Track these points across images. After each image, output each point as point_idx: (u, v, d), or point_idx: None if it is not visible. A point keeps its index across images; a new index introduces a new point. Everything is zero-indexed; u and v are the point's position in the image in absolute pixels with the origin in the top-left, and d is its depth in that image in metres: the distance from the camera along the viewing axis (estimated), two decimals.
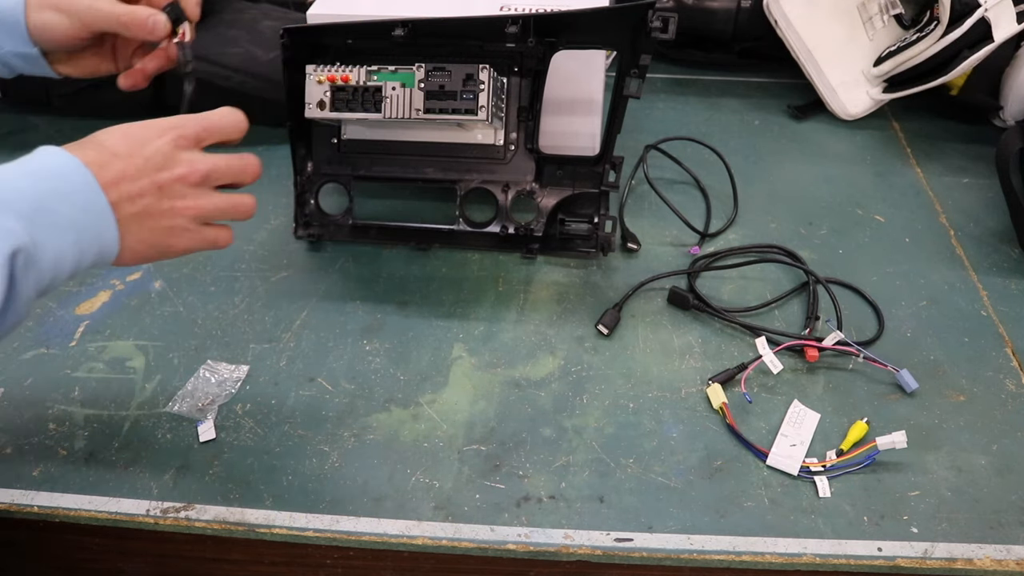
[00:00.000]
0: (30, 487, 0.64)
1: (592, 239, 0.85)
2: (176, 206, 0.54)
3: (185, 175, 0.54)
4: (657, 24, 0.68)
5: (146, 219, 0.53)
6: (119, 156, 0.52)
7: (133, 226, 0.52)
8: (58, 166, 0.50)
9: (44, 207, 0.48)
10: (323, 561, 0.65)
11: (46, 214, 0.48)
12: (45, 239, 0.48)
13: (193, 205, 0.55)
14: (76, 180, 0.50)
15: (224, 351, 0.75)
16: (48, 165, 0.50)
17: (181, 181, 0.54)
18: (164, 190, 0.53)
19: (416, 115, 0.73)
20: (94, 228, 0.50)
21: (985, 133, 1.05)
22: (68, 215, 0.48)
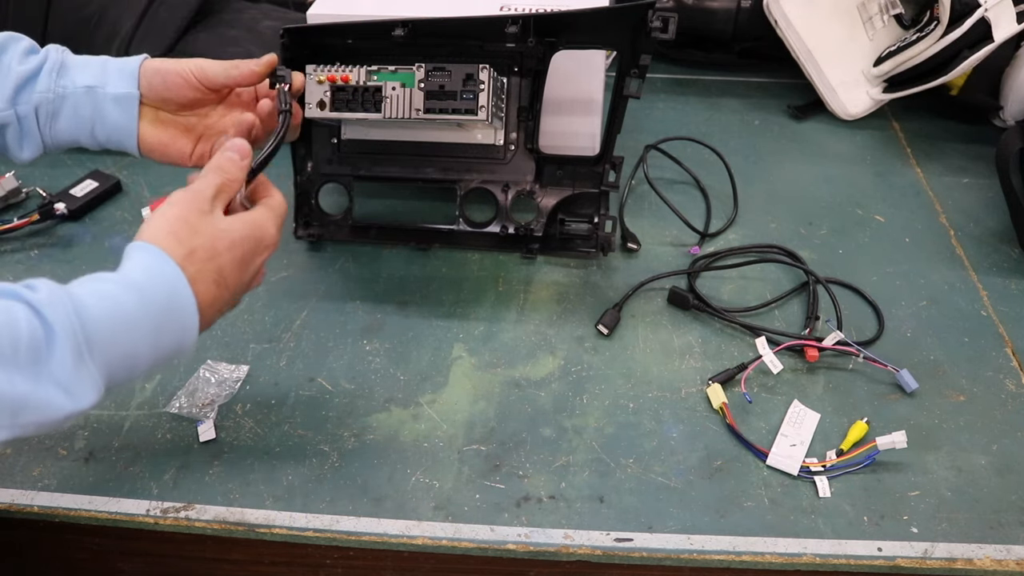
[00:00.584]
0: (30, 487, 0.64)
1: (592, 239, 0.85)
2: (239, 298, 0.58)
3: (258, 283, 0.59)
4: (657, 24, 0.68)
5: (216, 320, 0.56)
6: (229, 288, 0.54)
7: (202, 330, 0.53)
8: (177, 304, 0.50)
9: (136, 350, 0.49)
10: (323, 561, 0.65)
11: (136, 358, 0.49)
12: (120, 378, 0.48)
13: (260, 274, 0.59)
14: (186, 327, 0.51)
15: (224, 351, 0.75)
16: (168, 299, 0.50)
17: (253, 287, 0.59)
18: (239, 299, 0.57)
19: (416, 115, 0.73)
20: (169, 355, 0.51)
21: (985, 133, 1.05)
22: (154, 354, 0.50)
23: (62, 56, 0.64)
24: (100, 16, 0.97)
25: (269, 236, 0.57)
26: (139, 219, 0.91)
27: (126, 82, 0.64)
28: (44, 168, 0.97)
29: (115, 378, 0.48)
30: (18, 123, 0.63)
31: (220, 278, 0.53)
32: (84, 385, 0.45)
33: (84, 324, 0.45)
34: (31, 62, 0.63)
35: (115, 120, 0.64)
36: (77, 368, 0.45)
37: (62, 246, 0.87)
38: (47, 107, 0.63)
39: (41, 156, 0.65)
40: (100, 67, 0.64)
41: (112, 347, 0.47)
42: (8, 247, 0.86)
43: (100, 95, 0.63)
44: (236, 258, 0.54)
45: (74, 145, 0.65)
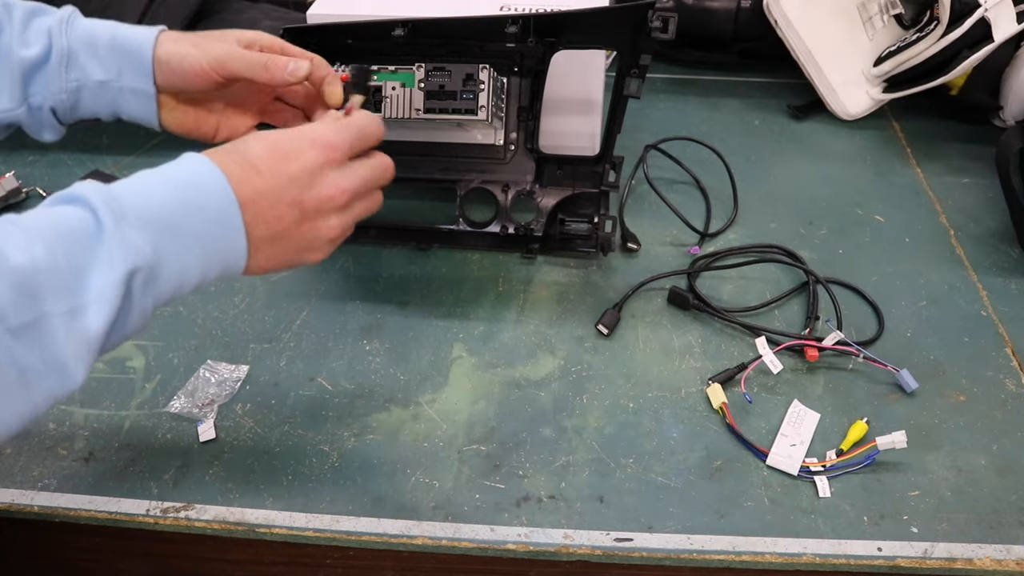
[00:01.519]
0: (30, 487, 0.64)
1: (592, 239, 0.85)
2: (317, 228, 0.52)
3: (332, 197, 0.52)
4: (657, 24, 0.68)
5: (280, 240, 0.50)
6: (261, 172, 0.49)
7: (264, 245, 0.50)
8: (199, 176, 0.48)
9: (175, 221, 0.46)
10: (323, 561, 0.65)
11: (176, 228, 0.46)
12: (170, 254, 0.45)
13: (336, 226, 0.53)
14: (214, 193, 0.47)
15: (224, 351, 0.75)
16: (189, 174, 0.48)
17: (326, 203, 0.52)
18: (306, 212, 0.51)
19: (416, 115, 0.73)
20: (223, 244, 0.48)
21: (985, 133, 1.05)
22: (198, 229, 0.46)
23: (67, 39, 0.60)
24: (100, 15, 0.97)
25: (317, 131, 0.52)
26: None
27: (140, 76, 0.61)
28: (44, 168, 0.97)
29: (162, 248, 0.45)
30: (31, 115, 0.60)
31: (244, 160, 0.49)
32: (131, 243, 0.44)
33: (113, 195, 0.45)
34: (34, 44, 0.59)
35: (134, 109, 0.62)
36: (119, 228, 0.43)
37: None
38: (63, 104, 0.60)
39: (41, 158, 0.64)
40: (109, 51, 0.60)
41: (146, 210, 0.45)
42: None
43: (114, 88, 0.61)
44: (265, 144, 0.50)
45: (97, 120, 0.63)
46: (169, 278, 0.46)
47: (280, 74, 0.61)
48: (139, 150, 1.01)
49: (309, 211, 0.51)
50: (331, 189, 0.51)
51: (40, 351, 0.40)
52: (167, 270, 0.46)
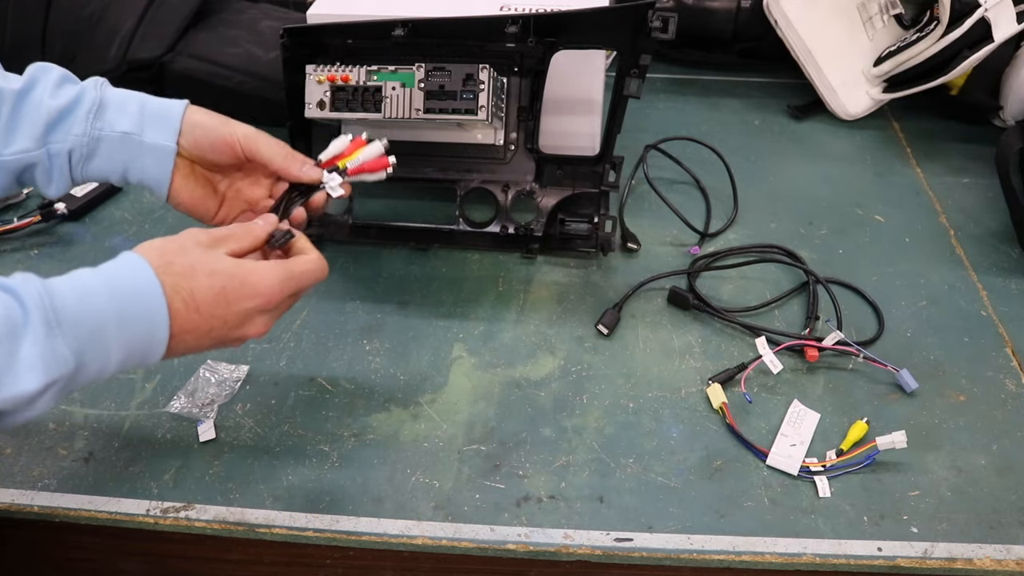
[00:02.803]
0: (30, 487, 0.64)
1: (592, 239, 0.85)
2: (223, 346, 0.56)
3: (249, 336, 0.56)
4: (657, 24, 0.68)
5: (194, 350, 0.54)
6: (200, 313, 0.52)
7: (178, 352, 0.53)
8: (146, 298, 0.50)
9: (107, 331, 0.48)
10: (323, 561, 0.65)
11: (105, 340, 0.48)
12: (92, 361, 0.48)
13: (238, 344, 0.57)
14: (154, 320, 0.50)
15: (224, 351, 0.75)
16: (135, 291, 0.50)
17: (242, 339, 0.55)
18: (223, 343, 0.55)
19: (416, 115, 0.73)
20: (141, 355, 0.50)
21: (985, 133, 1.05)
22: (126, 343, 0.49)
23: (100, 93, 0.61)
24: (100, 15, 0.97)
25: (264, 285, 0.54)
26: (139, 219, 0.91)
27: (165, 133, 0.62)
28: None
29: (86, 358, 0.47)
30: (48, 161, 0.60)
31: (191, 299, 0.51)
32: (56, 355, 0.46)
33: (53, 298, 0.46)
34: (63, 96, 0.60)
35: (149, 169, 0.62)
36: (49, 338, 0.45)
37: (62, 246, 0.87)
38: (80, 151, 0.61)
39: None
40: (138, 109, 0.62)
41: (79, 322, 0.47)
42: (8, 247, 0.86)
43: (136, 142, 0.61)
44: (214, 287, 0.52)
45: (102, 181, 0.65)
46: (83, 379, 0.49)
47: (295, 168, 0.65)
48: None
49: (227, 342, 0.55)
50: (253, 330, 0.55)
51: None
52: (84, 375, 0.48)
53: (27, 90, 0.60)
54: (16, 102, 0.60)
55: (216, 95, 1.00)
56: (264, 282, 0.54)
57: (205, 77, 0.99)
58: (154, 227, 0.89)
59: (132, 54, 0.97)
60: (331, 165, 0.68)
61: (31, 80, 0.61)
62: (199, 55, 0.99)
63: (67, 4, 0.97)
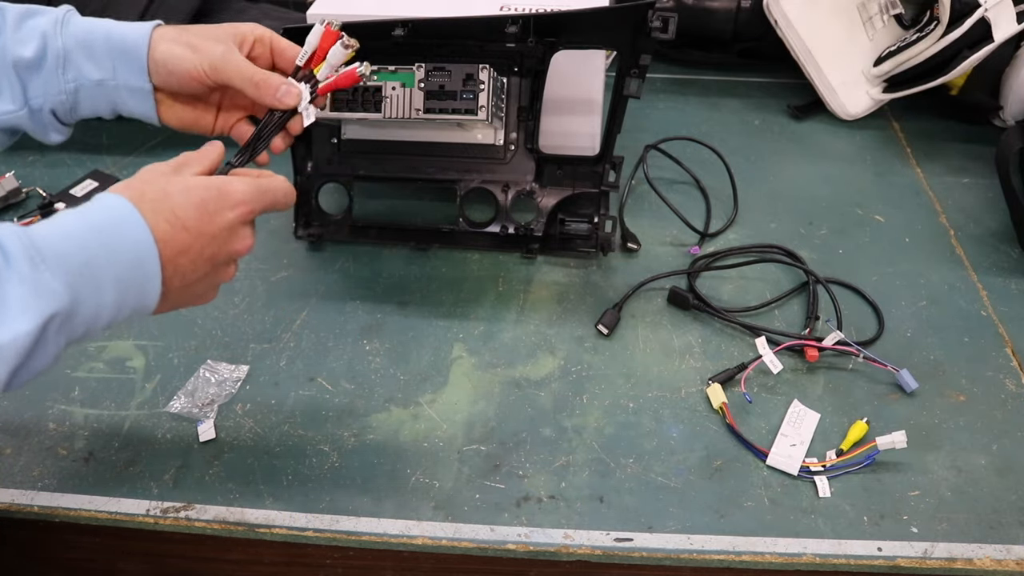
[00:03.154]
0: (30, 487, 0.64)
1: (592, 239, 0.85)
2: (219, 276, 0.55)
3: (239, 251, 0.55)
4: (657, 24, 0.68)
5: (189, 287, 0.53)
6: (189, 230, 0.51)
7: (174, 293, 0.52)
8: (125, 227, 0.49)
9: (96, 264, 0.47)
10: (323, 561, 0.65)
11: (95, 273, 0.47)
12: (87, 297, 0.47)
13: (233, 272, 0.57)
14: (140, 247, 0.49)
15: (224, 351, 0.75)
16: (114, 222, 0.49)
17: (234, 255, 0.55)
18: (216, 264, 0.54)
19: (416, 115, 0.73)
20: (138, 290, 0.49)
21: (985, 133, 1.05)
22: (116, 276, 0.48)
23: (62, 40, 0.60)
24: (100, 15, 0.97)
25: (237, 192, 0.53)
26: None
27: (136, 75, 0.61)
28: (44, 168, 0.97)
29: (79, 293, 0.46)
30: (34, 118, 0.60)
31: (174, 217, 0.50)
32: (46, 288, 0.44)
33: (32, 237, 0.45)
34: (28, 43, 0.59)
35: (133, 107, 0.62)
36: (34, 273, 0.44)
37: None
38: (63, 106, 0.60)
39: (41, 158, 0.63)
40: (104, 50, 0.60)
41: (64, 254, 0.46)
42: None
43: (112, 87, 0.61)
44: (192, 202, 0.51)
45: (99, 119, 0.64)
46: (83, 319, 0.47)
47: (269, 98, 0.62)
48: (139, 150, 1.01)
49: (219, 263, 0.54)
50: (240, 244, 0.55)
51: None
52: (82, 312, 0.47)
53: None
54: None
55: None
56: (240, 190, 0.54)
57: None
58: None
59: None
60: (308, 71, 0.63)
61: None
62: None
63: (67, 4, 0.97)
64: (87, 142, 1.01)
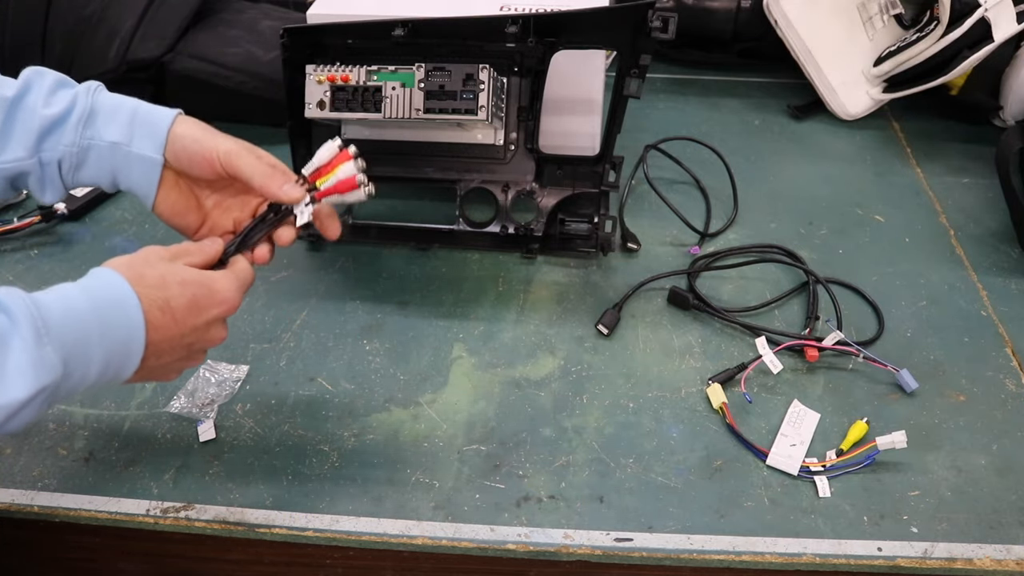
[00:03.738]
0: (30, 487, 0.64)
1: (592, 239, 0.85)
2: (189, 362, 0.58)
3: (213, 343, 0.58)
4: (657, 24, 0.68)
5: (161, 367, 0.56)
6: (177, 322, 0.54)
7: (146, 369, 0.54)
8: (122, 308, 0.52)
9: (89, 341, 0.49)
10: (323, 561, 0.65)
11: (88, 349, 0.49)
12: (75, 370, 0.49)
13: (200, 360, 0.60)
14: (132, 328, 0.52)
15: (224, 351, 0.75)
16: (113, 302, 0.51)
17: (208, 344, 0.58)
18: (191, 352, 0.57)
19: (416, 115, 0.73)
20: (119, 365, 0.52)
21: (985, 133, 1.05)
22: (106, 352, 0.50)
23: (91, 100, 0.61)
24: (100, 15, 0.97)
25: (224, 291, 0.57)
26: (139, 219, 0.91)
27: (152, 145, 0.62)
28: None
29: (71, 367, 0.48)
30: (40, 170, 0.61)
31: (167, 307, 0.53)
32: (45, 362, 0.47)
33: (39, 308, 0.47)
34: (57, 104, 0.60)
35: (136, 179, 0.63)
36: (38, 346, 0.47)
37: (62, 246, 0.87)
38: (70, 160, 0.61)
39: None
40: (129, 118, 0.62)
41: (65, 330, 0.48)
42: (8, 247, 0.86)
43: (124, 152, 0.62)
44: (186, 296, 0.54)
45: (93, 187, 0.65)
46: (66, 389, 0.50)
47: (275, 188, 0.62)
48: None
49: (194, 351, 0.58)
50: (216, 336, 0.58)
51: None
52: (68, 383, 0.49)
53: (21, 96, 0.60)
54: (10, 109, 0.59)
55: (216, 95, 1.00)
56: (227, 290, 0.57)
57: (205, 77, 0.99)
58: (154, 227, 0.89)
59: (132, 54, 0.97)
60: (316, 180, 0.63)
61: (25, 86, 0.60)
62: (199, 55, 0.99)
63: (67, 4, 0.97)
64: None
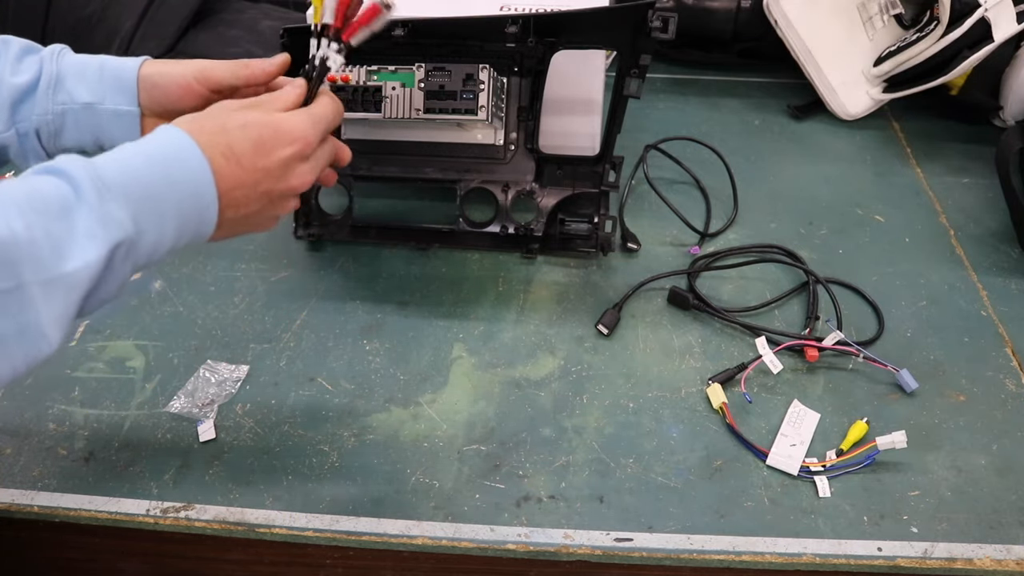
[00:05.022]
0: (30, 487, 0.64)
1: (592, 239, 0.85)
2: (276, 208, 0.56)
3: (296, 187, 0.56)
4: (657, 24, 0.68)
5: (245, 219, 0.54)
6: (243, 165, 0.52)
7: (229, 221, 0.53)
8: (183, 159, 0.50)
9: (156, 194, 0.48)
10: (323, 561, 0.65)
11: (156, 202, 0.48)
12: (149, 226, 0.48)
13: (292, 205, 0.58)
14: (198, 177, 0.50)
15: (224, 351, 0.75)
16: (173, 153, 0.50)
17: (290, 191, 0.56)
18: (272, 199, 0.55)
19: (416, 115, 0.73)
20: (197, 219, 0.51)
21: (985, 133, 1.05)
22: (177, 205, 0.49)
23: (57, 65, 0.61)
24: (100, 15, 0.97)
25: (294, 128, 0.54)
26: None
27: (124, 97, 0.61)
28: None
29: (142, 223, 0.47)
30: (20, 141, 0.61)
31: (230, 152, 0.51)
32: (112, 218, 0.46)
33: (97, 169, 0.47)
34: (25, 72, 0.60)
35: (118, 135, 0.62)
36: (101, 203, 0.46)
37: None
38: (48, 128, 0.61)
39: None
40: (97, 77, 0.61)
41: (127, 186, 0.47)
42: None
43: (99, 111, 0.61)
44: (249, 138, 0.52)
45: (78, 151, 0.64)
46: (146, 247, 0.49)
47: (258, 69, 0.62)
48: None
49: (275, 198, 0.55)
50: (297, 180, 0.55)
51: (17, 318, 0.42)
52: (146, 240, 0.48)
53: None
54: None
55: None
56: (298, 127, 0.55)
57: None
58: None
59: (132, 54, 0.97)
60: (338, 27, 0.60)
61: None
62: (199, 55, 0.99)
63: (67, 4, 0.97)
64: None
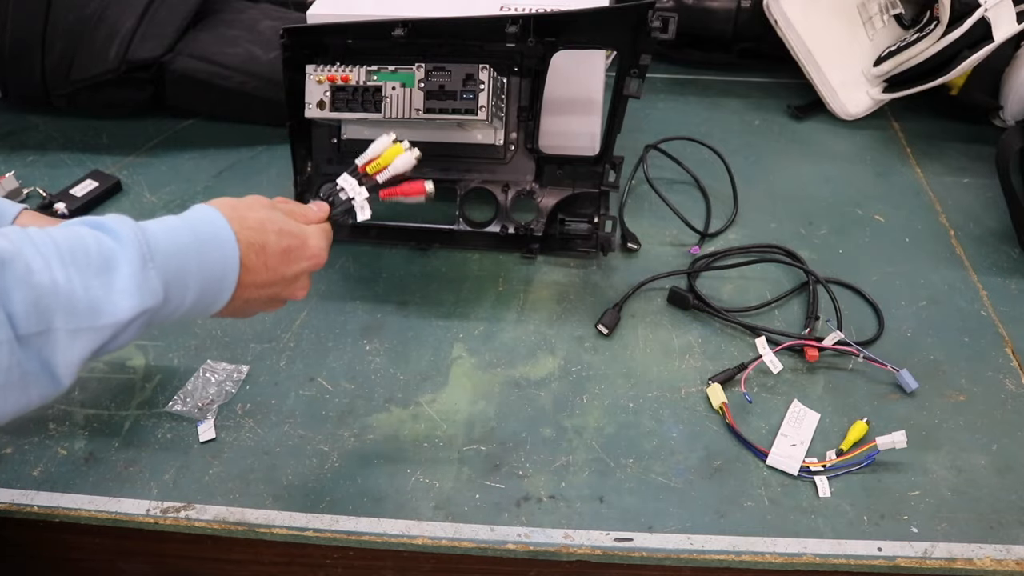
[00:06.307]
0: (30, 487, 0.64)
1: (592, 239, 0.85)
2: (268, 308, 0.60)
3: (296, 297, 0.60)
4: (657, 24, 0.68)
5: (243, 307, 0.57)
6: (269, 266, 0.56)
7: (229, 307, 0.55)
8: (221, 244, 0.53)
9: (189, 271, 0.51)
10: (323, 561, 0.65)
11: (186, 279, 0.51)
12: (173, 297, 0.50)
13: (279, 306, 0.61)
14: (228, 265, 0.53)
15: (224, 351, 0.75)
16: (214, 238, 0.53)
17: (290, 298, 0.60)
18: (273, 299, 0.58)
19: (416, 115, 0.73)
20: (211, 300, 0.53)
21: (985, 133, 1.05)
22: (201, 284, 0.52)
23: None
24: (100, 15, 0.97)
25: (315, 247, 0.59)
26: (139, 219, 0.90)
27: None
28: (44, 168, 0.97)
29: (170, 293, 0.49)
30: None
31: (262, 251, 0.55)
32: (149, 285, 0.48)
33: (146, 235, 0.49)
34: None
35: None
36: (143, 269, 0.48)
37: None
38: None
39: (41, 158, 0.64)
40: None
41: (168, 258, 0.49)
42: None
43: None
44: (281, 245, 0.56)
45: None
46: (164, 314, 0.51)
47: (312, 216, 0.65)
48: (139, 150, 1.01)
49: (276, 299, 0.59)
50: (302, 291, 0.60)
51: (40, 359, 0.44)
52: (166, 309, 0.50)
53: None
54: None
55: (216, 95, 1.00)
56: (318, 244, 0.59)
57: (205, 77, 0.99)
58: None
59: (132, 54, 0.97)
60: (364, 172, 0.66)
61: None
62: (199, 55, 1.00)
63: (67, 4, 0.97)
64: (87, 142, 1.01)
